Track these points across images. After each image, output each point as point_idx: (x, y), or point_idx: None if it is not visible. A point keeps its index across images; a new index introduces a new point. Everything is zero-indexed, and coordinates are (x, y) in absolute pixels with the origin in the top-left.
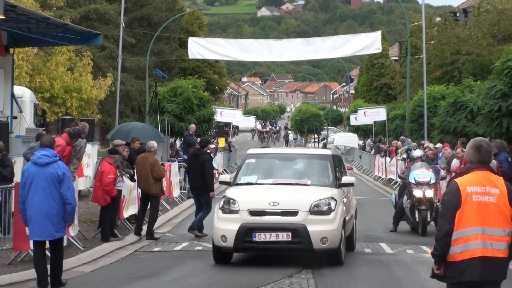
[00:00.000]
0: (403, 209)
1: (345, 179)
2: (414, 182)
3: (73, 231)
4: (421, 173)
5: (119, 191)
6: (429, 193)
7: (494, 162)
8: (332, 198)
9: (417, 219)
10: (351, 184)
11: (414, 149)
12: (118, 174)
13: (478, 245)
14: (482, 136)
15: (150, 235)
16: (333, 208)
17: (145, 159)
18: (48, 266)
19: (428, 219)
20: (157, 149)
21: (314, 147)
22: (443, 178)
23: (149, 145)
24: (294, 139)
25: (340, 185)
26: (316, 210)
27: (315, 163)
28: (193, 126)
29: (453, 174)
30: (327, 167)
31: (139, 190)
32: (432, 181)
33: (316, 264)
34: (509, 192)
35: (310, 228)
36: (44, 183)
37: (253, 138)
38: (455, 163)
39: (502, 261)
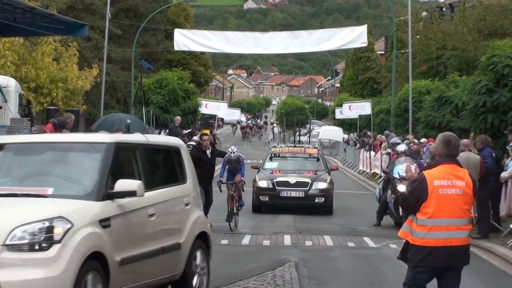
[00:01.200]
0: (387, 203)
1: (121, 186)
2: (398, 177)
3: None
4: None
5: None
6: None
7: (477, 157)
8: (62, 219)
9: (400, 213)
10: (132, 194)
11: (399, 143)
12: None
13: (444, 235)
14: (467, 131)
15: None
16: (57, 238)
17: None
18: None
19: None
20: None
21: (296, 141)
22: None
23: None
24: (279, 132)
25: (109, 196)
26: (18, 244)
27: (74, 158)
28: (178, 118)
29: None
30: (94, 164)
31: None
32: None
33: (300, 257)
34: (473, 183)
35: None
36: None
37: (234, 133)
38: None
39: (465, 248)
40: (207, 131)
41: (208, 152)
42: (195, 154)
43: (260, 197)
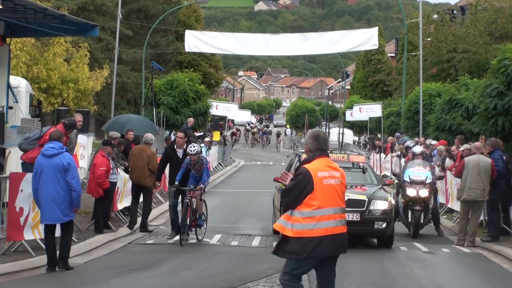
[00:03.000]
0: (398, 209)
1: None
2: (408, 181)
3: None
4: (417, 171)
5: (113, 183)
6: (424, 192)
7: (488, 160)
8: None
9: (410, 219)
10: None
11: (413, 146)
12: (113, 166)
13: (331, 224)
14: (478, 134)
15: (144, 227)
16: None
17: (142, 150)
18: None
19: (422, 220)
20: (153, 142)
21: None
22: (440, 178)
23: (147, 137)
24: (291, 134)
25: None
26: None
27: None
28: (191, 119)
29: (447, 172)
30: None
31: None
32: (428, 180)
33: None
34: (344, 174)
35: None
36: (51, 172)
37: (247, 140)
38: (448, 161)
39: (345, 236)
40: (217, 133)
41: (180, 151)
42: (166, 152)
43: None
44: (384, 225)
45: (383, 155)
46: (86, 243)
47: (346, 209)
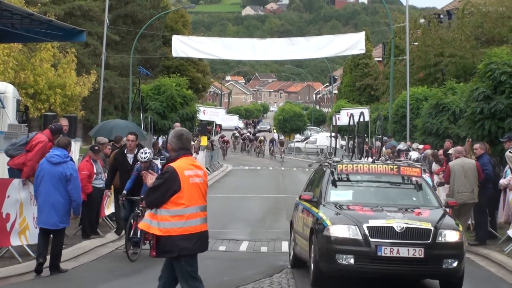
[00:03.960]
0: None
1: None
2: None
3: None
4: None
5: (99, 189)
6: None
7: (473, 162)
8: None
9: None
10: None
11: (408, 150)
12: (101, 171)
13: (198, 222)
14: (464, 139)
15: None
16: None
17: None
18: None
19: None
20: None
21: (364, 154)
22: (442, 184)
23: None
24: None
25: None
26: None
27: None
28: (177, 124)
29: (435, 176)
30: None
31: None
32: None
33: (297, 265)
34: (207, 173)
35: None
36: (54, 179)
37: (235, 148)
38: (435, 166)
39: (208, 234)
40: (205, 138)
41: (130, 156)
42: (115, 157)
43: (337, 256)
44: (455, 263)
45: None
46: (73, 249)
47: (405, 241)
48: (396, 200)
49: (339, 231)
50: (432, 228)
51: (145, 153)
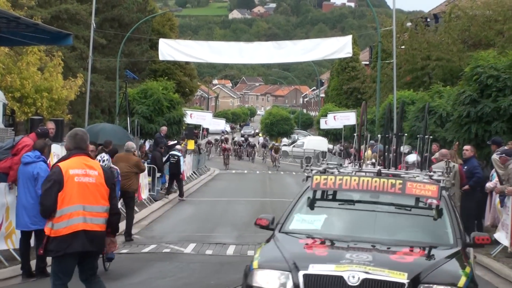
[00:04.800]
0: None
1: None
2: None
3: None
4: None
5: None
6: None
7: (455, 165)
8: None
9: None
10: None
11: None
12: None
13: (80, 220)
14: (451, 142)
15: (129, 235)
16: None
17: (126, 157)
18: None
19: None
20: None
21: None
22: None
23: (129, 146)
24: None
25: None
26: None
27: None
28: (164, 128)
29: None
30: None
31: None
32: None
33: None
34: (105, 174)
35: None
36: (24, 179)
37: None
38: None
39: (101, 235)
40: (192, 142)
41: None
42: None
43: None
44: None
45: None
46: None
47: None
48: (391, 232)
49: (265, 279)
50: (406, 283)
51: (103, 161)
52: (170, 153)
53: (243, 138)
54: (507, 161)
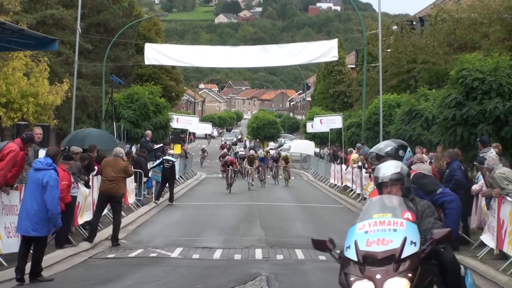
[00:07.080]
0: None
1: None
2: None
3: None
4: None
5: (74, 198)
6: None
7: (428, 167)
8: None
9: None
10: None
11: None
12: (73, 180)
13: None
14: (437, 145)
15: (116, 240)
16: None
17: (114, 162)
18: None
19: None
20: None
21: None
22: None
23: (117, 151)
24: (251, 145)
25: None
26: None
27: None
28: (149, 132)
29: None
30: None
31: (95, 197)
32: (409, 250)
33: (271, 271)
34: None
35: None
36: (32, 185)
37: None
38: None
39: None
40: (178, 146)
41: None
42: None
43: None
44: None
45: (344, 166)
46: (47, 258)
47: None
48: None
49: None
50: None
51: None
52: (164, 157)
53: (242, 151)
54: (482, 169)
